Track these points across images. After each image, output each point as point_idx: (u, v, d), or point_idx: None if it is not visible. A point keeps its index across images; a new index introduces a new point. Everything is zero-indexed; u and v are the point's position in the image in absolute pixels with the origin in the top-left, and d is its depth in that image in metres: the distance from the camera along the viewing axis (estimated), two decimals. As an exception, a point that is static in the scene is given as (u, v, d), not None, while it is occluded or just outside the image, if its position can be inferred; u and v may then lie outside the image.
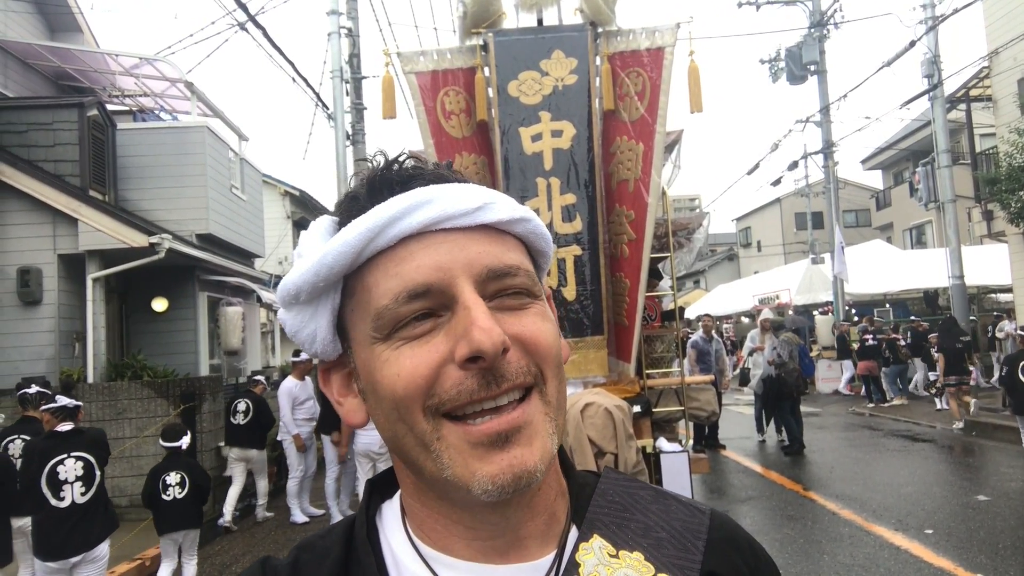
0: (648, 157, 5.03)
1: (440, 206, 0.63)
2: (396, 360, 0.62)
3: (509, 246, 0.66)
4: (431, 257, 0.62)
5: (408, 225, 0.62)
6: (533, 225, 0.69)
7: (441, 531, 0.66)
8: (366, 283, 0.64)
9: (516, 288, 0.64)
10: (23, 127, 9.99)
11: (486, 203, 0.65)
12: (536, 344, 0.63)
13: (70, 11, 13.19)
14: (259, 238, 14.30)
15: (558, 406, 0.65)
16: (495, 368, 0.60)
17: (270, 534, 7.90)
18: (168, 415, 8.67)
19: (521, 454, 0.60)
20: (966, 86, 15.95)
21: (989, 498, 7.37)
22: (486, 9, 5.25)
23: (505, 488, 0.60)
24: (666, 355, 5.76)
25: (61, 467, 4.36)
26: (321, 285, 0.65)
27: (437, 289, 0.61)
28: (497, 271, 0.63)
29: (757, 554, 0.74)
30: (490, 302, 0.62)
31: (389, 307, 0.62)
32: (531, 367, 0.62)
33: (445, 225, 0.63)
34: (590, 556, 0.66)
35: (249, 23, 10.26)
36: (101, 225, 9.37)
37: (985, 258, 17.44)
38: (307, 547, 0.72)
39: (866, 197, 34.74)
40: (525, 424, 0.61)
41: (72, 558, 4.34)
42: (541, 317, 0.65)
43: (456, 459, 0.61)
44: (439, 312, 0.62)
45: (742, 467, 9.77)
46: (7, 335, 9.20)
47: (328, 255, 0.63)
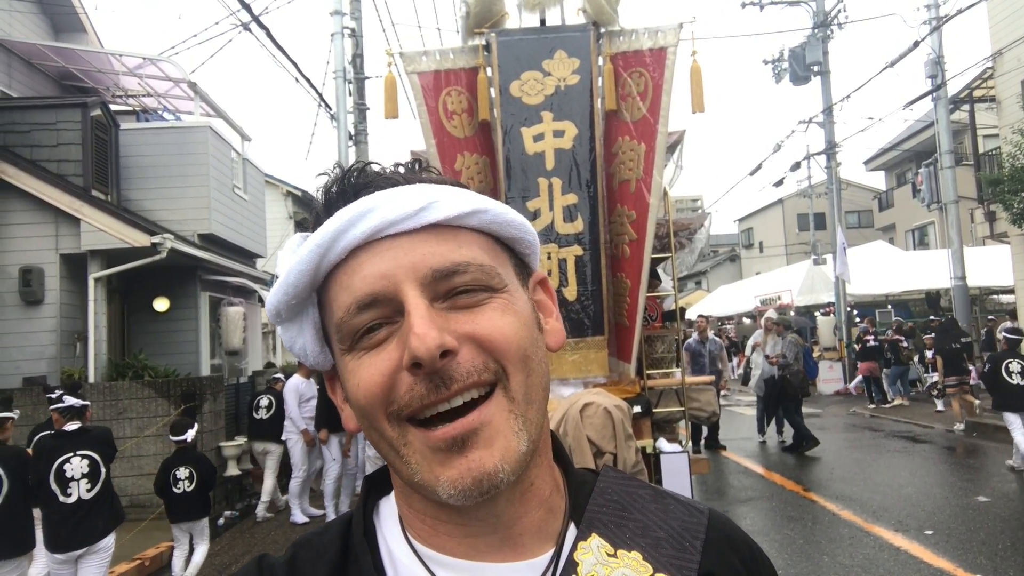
0: (650, 157, 5.03)
1: (381, 214, 0.63)
2: (356, 370, 0.63)
3: (462, 242, 0.65)
4: (376, 266, 0.62)
5: (353, 237, 0.63)
6: (492, 215, 0.67)
7: (431, 531, 0.66)
8: (328, 297, 0.66)
9: (468, 285, 0.63)
10: (27, 127, 10.02)
11: (430, 202, 0.64)
12: (491, 341, 0.62)
13: (74, 11, 13.22)
14: (261, 238, 14.31)
15: (527, 400, 0.63)
16: (440, 371, 0.59)
17: (270, 534, 7.91)
18: (169, 415, 8.69)
19: (479, 457, 0.60)
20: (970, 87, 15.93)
21: (989, 499, 7.36)
22: (489, 9, 5.26)
23: (467, 491, 0.60)
24: (667, 356, 5.76)
25: (67, 465, 4.57)
26: (294, 303, 0.67)
27: (384, 297, 0.62)
28: (443, 271, 0.62)
29: (755, 554, 0.74)
30: (443, 302, 0.62)
31: (344, 320, 0.63)
32: (488, 364, 0.61)
33: (389, 231, 0.63)
34: (588, 555, 0.66)
35: (252, 23, 10.29)
36: (103, 225, 9.38)
37: (987, 259, 17.42)
38: (304, 544, 0.72)
39: (868, 198, 34.70)
40: (482, 425, 0.60)
41: (77, 551, 4.55)
42: (501, 311, 0.63)
43: (422, 464, 0.61)
44: (394, 319, 0.62)
45: (742, 468, 9.77)
46: (9, 334, 9.22)
47: (290, 274, 0.65)
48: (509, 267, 0.69)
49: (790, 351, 10.74)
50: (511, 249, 0.71)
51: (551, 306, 0.75)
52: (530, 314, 0.68)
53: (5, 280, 9.31)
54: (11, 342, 9.21)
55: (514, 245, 0.71)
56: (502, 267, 0.67)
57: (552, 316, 0.74)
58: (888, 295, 19.94)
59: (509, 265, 0.69)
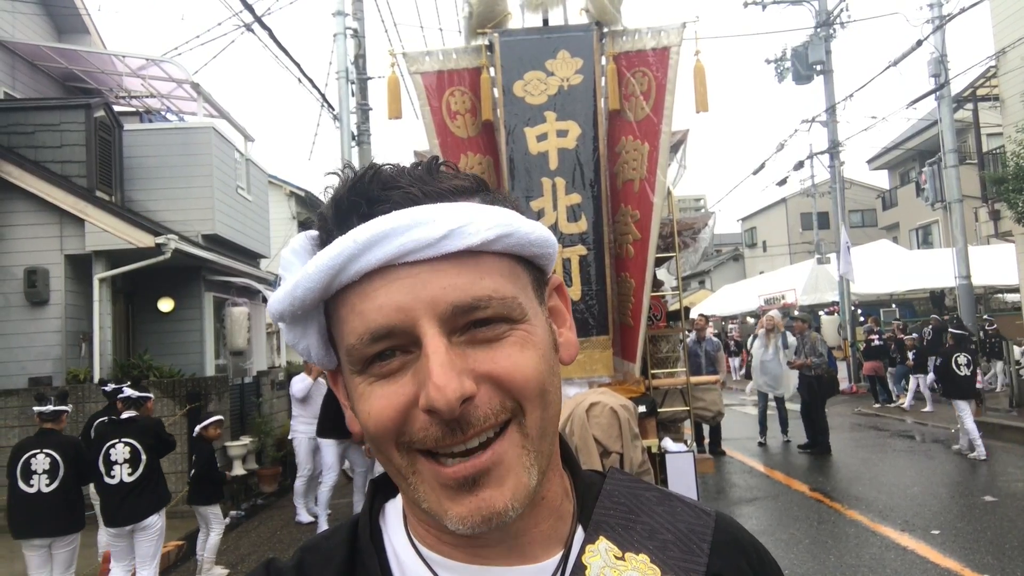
0: (653, 157, 5.02)
1: (398, 242, 0.59)
2: (368, 398, 0.61)
3: (483, 271, 0.61)
4: (392, 297, 0.59)
5: (367, 262, 0.59)
6: (517, 237, 0.63)
7: (436, 540, 0.66)
8: (339, 315, 0.63)
9: (489, 318, 0.60)
10: (30, 128, 10.05)
11: (452, 230, 0.59)
12: (511, 380, 0.60)
13: (77, 12, 13.26)
14: (265, 238, 14.33)
15: (541, 434, 0.62)
16: (458, 419, 0.58)
17: (275, 533, 7.92)
18: (174, 415, 8.70)
19: (490, 496, 0.59)
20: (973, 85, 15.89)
21: (996, 499, 7.34)
22: (492, 9, 5.25)
23: (476, 527, 0.59)
24: (671, 355, 5.75)
25: (113, 450, 5.17)
26: (299, 313, 0.64)
27: (400, 331, 0.59)
28: (464, 307, 0.59)
29: (762, 557, 0.74)
30: (461, 335, 0.60)
31: (356, 346, 0.61)
32: (506, 403, 0.60)
33: (408, 259, 0.59)
34: (596, 558, 0.65)
35: (255, 24, 10.29)
36: (108, 226, 9.40)
37: (992, 258, 17.37)
38: (311, 549, 0.71)
39: (872, 197, 34.63)
40: (495, 465, 0.59)
41: (126, 527, 5.10)
42: (520, 346, 0.61)
43: (430, 495, 0.60)
44: (409, 348, 0.60)
45: (747, 467, 9.76)
46: (14, 335, 9.25)
47: (298, 287, 0.62)
48: (529, 288, 0.66)
49: (822, 348, 10.52)
50: (530, 262, 0.68)
51: (566, 314, 0.73)
52: (548, 342, 0.65)
53: (10, 281, 9.34)
54: (17, 342, 9.23)
55: (536, 261, 0.68)
56: (522, 292, 0.64)
57: (566, 325, 0.72)
58: (892, 294, 19.89)
59: (529, 286, 0.66)
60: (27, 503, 4.95)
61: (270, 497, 9.71)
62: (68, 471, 5.04)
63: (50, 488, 4.96)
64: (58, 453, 5.05)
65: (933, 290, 18.54)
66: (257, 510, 9.05)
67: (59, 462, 5.02)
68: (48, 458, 5.01)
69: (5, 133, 9.85)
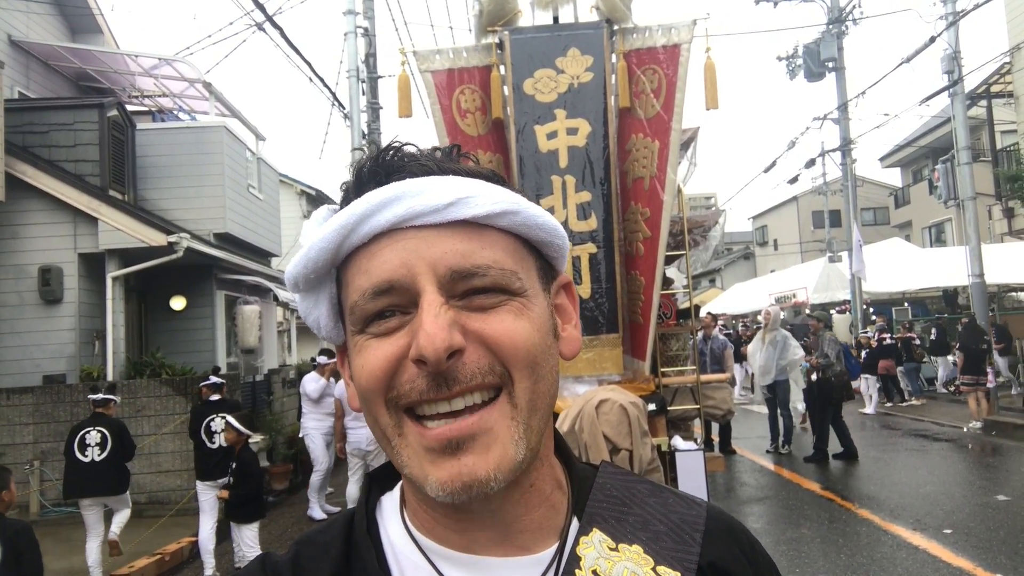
0: (664, 154, 5.02)
1: (408, 203, 0.62)
2: (363, 352, 0.63)
3: (486, 242, 0.64)
4: (397, 254, 0.62)
5: (377, 223, 0.62)
6: (524, 217, 0.66)
7: (433, 522, 0.67)
8: (346, 277, 0.66)
9: (487, 287, 0.62)
10: (44, 127, 10.13)
11: (460, 198, 0.63)
12: (499, 344, 0.61)
13: (91, 12, 13.35)
14: (276, 237, 14.40)
15: (531, 408, 0.63)
16: (444, 372, 0.59)
17: (287, 531, 7.96)
18: (186, 412, 8.76)
19: (472, 463, 0.59)
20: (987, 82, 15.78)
21: (1009, 498, 7.29)
22: (502, 7, 5.26)
23: (456, 495, 0.59)
24: (681, 353, 5.74)
25: (212, 423, 6.55)
26: (312, 277, 0.67)
27: (400, 287, 0.61)
28: (463, 272, 0.62)
29: (754, 545, 0.75)
30: (459, 300, 0.62)
31: (358, 303, 0.63)
32: (495, 367, 0.61)
33: (415, 222, 0.62)
34: (590, 550, 0.66)
35: (267, 23, 10.33)
36: (121, 224, 9.47)
37: (1006, 256, 17.19)
38: (307, 542, 0.72)
39: (884, 195, 34.40)
40: (481, 432, 0.60)
41: (220, 479, 6.31)
42: (515, 314, 0.63)
43: (412, 458, 0.61)
44: (408, 309, 0.62)
45: (758, 466, 9.72)
46: (29, 333, 9.34)
47: (312, 249, 0.65)
48: (532, 271, 0.67)
49: (831, 350, 10.05)
50: (538, 251, 0.70)
51: (571, 312, 0.74)
52: (546, 321, 0.67)
53: (25, 279, 9.43)
54: (31, 340, 9.32)
55: (542, 248, 0.70)
56: (525, 271, 0.66)
57: (571, 323, 0.73)
58: (905, 292, 19.75)
59: (533, 269, 0.68)
60: (82, 470, 6.06)
61: (281, 494, 9.76)
62: (115, 444, 6.16)
63: (101, 457, 6.08)
64: (108, 430, 6.19)
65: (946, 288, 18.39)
66: (268, 507, 9.09)
67: (108, 437, 6.16)
68: (99, 434, 6.16)
69: (19, 132, 9.94)
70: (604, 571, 0.64)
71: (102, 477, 6.09)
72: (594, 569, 0.64)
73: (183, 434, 8.69)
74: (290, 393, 11.73)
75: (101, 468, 6.07)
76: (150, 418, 8.81)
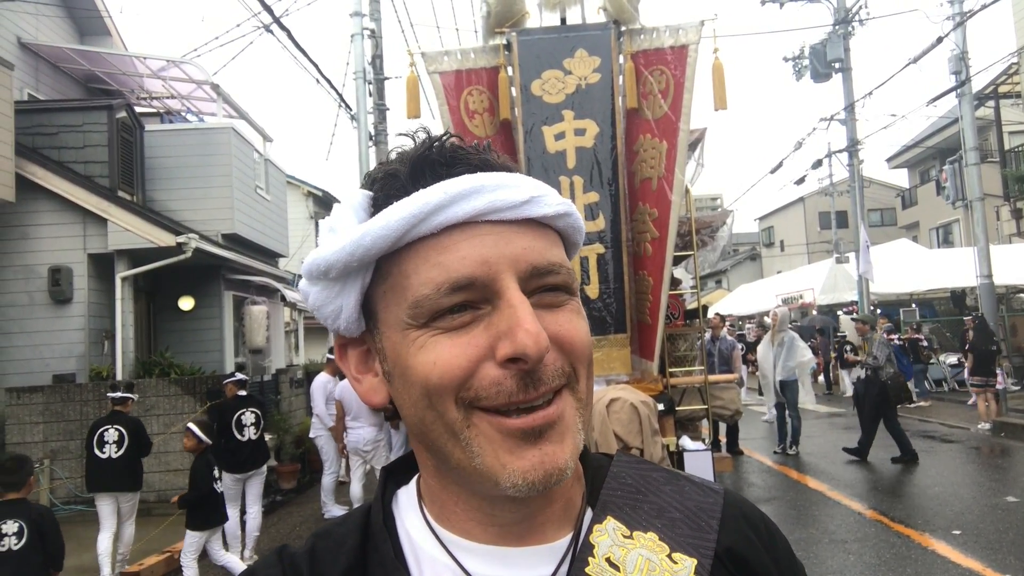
0: (672, 155, 5.03)
1: (488, 197, 0.61)
2: (433, 348, 0.60)
3: (552, 241, 0.65)
4: (476, 249, 0.60)
5: (454, 214, 0.60)
6: (573, 219, 0.68)
7: (460, 515, 0.66)
8: (404, 269, 0.62)
9: (557, 285, 0.63)
10: (54, 129, 10.20)
11: (533, 196, 0.63)
12: (572, 344, 0.62)
13: (99, 15, 13.42)
14: (283, 238, 14.45)
15: (587, 402, 0.65)
16: (535, 371, 0.59)
17: (295, 529, 7.99)
18: (195, 412, 8.80)
19: (553, 451, 0.60)
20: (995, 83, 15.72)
21: (1018, 499, 7.26)
22: (509, 8, 5.28)
23: (535, 485, 0.59)
24: (689, 354, 5.75)
25: (243, 417, 6.90)
26: (355, 265, 0.64)
27: (481, 283, 0.60)
28: (541, 269, 0.62)
29: (771, 531, 0.74)
30: (531, 298, 0.61)
31: (430, 296, 0.60)
32: (566, 367, 0.62)
33: (491, 217, 0.61)
34: (604, 537, 0.66)
35: (274, 25, 10.38)
36: (130, 225, 9.53)
37: (1014, 257, 17.14)
38: (324, 535, 0.71)
39: (892, 196, 34.30)
40: (559, 419, 0.61)
41: (248, 472, 6.81)
42: (577, 314, 0.64)
43: (487, 449, 0.60)
44: (479, 305, 0.61)
45: (765, 467, 9.71)
46: (39, 333, 9.40)
47: (367, 236, 0.61)
48: (574, 274, 0.70)
49: (881, 352, 9.61)
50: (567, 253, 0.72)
51: None
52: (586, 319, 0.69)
53: (35, 279, 9.49)
54: (41, 340, 9.38)
55: (571, 250, 0.71)
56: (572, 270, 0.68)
57: None
58: (912, 294, 19.69)
59: (574, 272, 0.70)
60: (100, 466, 6.16)
61: (289, 494, 9.79)
62: (131, 442, 6.27)
63: (118, 455, 6.18)
64: (124, 428, 6.30)
65: (954, 289, 18.34)
66: (276, 507, 9.12)
67: (124, 435, 6.28)
68: (117, 432, 6.26)
69: (29, 134, 10.00)
70: (618, 558, 0.65)
71: (118, 474, 6.22)
72: (607, 557, 0.65)
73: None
74: (297, 393, 11.77)
75: (118, 465, 6.19)
76: (159, 417, 8.85)
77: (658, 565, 0.64)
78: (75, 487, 8.61)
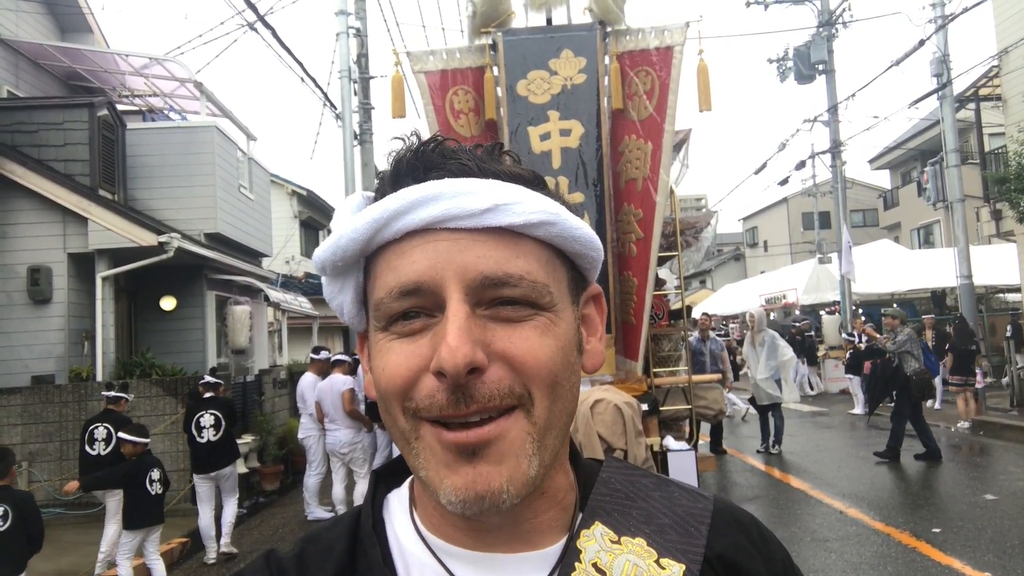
0: (657, 156, 5.04)
1: (445, 205, 0.60)
2: (387, 353, 0.62)
3: (520, 251, 0.62)
4: (428, 256, 0.60)
5: (411, 221, 0.61)
6: (561, 228, 0.64)
7: (442, 521, 0.66)
8: (374, 271, 0.65)
9: (516, 298, 0.61)
10: (34, 127, 10.07)
11: (498, 204, 0.61)
12: (523, 363, 0.60)
13: (80, 11, 13.27)
14: (267, 237, 14.36)
15: (547, 426, 0.61)
16: (463, 387, 0.58)
17: (277, 531, 7.94)
18: (176, 413, 8.73)
19: (487, 472, 0.58)
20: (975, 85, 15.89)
21: (996, 497, 7.35)
22: (495, 9, 5.27)
23: (468, 505, 0.58)
24: (673, 354, 5.77)
25: (202, 419, 6.90)
26: (340, 265, 0.66)
27: (427, 289, 0.60)
28: (493, 279, 0.60)
29: (764, 535, 0.74)
30: (485, 309, 0.60)
31: (384, 300, 0.62)
32: (515, 388, 0.59)
33: (449, 225, 0.61)
34: (591, 543, 0.65)
35: (258, 23, 10.31)
36: (111, 224, 9.43)
37: (993, 258, 17.35)
38: (312, 539, 0.71)
39: (874, 197, 34.62)
40: (496, 439, 0.59)
41: (212, 472, 6.85)
42: (540, 332, 0.61)
43: (430, 460, 0.60)
44: (433, 312, 0.61)
45: (748, 466, 9.77)
46: (17, 333, 9.27)
47: (342, 238, 0.64)
48: (563, 284, 0.66)
49: (913, 347, 9.45)
50: (571, 262, 0.68)
51: (598, 325, 0.73)
52: (571, 337, 0.65)
53: (13, 279, 9.36)
54: (20, 341, 9.26)
55: (575, 259, 0.68)
56: (555, 284, 0.64)
57: (596, 336, 0.72)
58: (894, 294, 19.89)
59: (564, 281, 0.66)
60: (90, 463, 6.38)
61: (272, 495, 9.73)
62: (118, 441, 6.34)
63: (106, 452, 6.41)
64: (114, 427, 6.46)
65: (934, 290, 18.54)
66: (259, 508, 9.07)
67: (113, 434, 6.41)
68: (106, 430, 6.51)
69: (9, 132, 9.87)
70: (605, 564, 0.64)
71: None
72: (594, 562, 0.64)
73: (173, 435, 8.66)
74: (281, 394, 11.70)
75: (106, 463, 6.28)
76: (140, 419, 8.72)
77: (645, 571, 0.64)
78: (53, 489, 8.51)
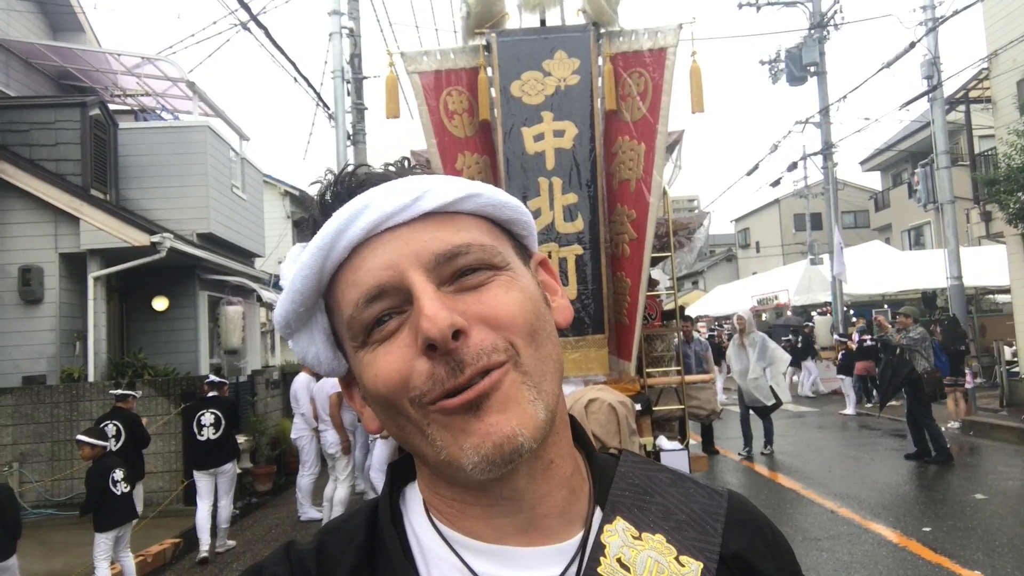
0: (650, 157, 5.06)
1: (377, 208, 0.64)
2: (372, 362, 0.63)
3: (461, 226, 0.66)
4: (379, 258, 0.63)
5: (353, 234, 0.64)
6: (486, 198, 0.68)
7: (458, 515, 0.67)
8: (336, 298, 0.66)
9: (472, 265, 0.64)
10: (25, 126, 10.02)
11: (423, 191, 0.65)
12: (498, 318, 0.62)
13: (72, 10, 13.22)
14: (259, 238, 14.32)
15: (540, 372, 0.63)
16: (454, 353, 0.60)
17: (270, 531, 7.93)
18: (169, 413, 8.71)
19: (496, 421, 0.60)
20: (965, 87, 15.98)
21: (986, 496, 7.41)
22: (489, 9, 5.28)
23: (490, 457, 0.59)
24: (666, 354, 5.79)
25: (203, 417, 7.04)
26: (302, 311, 0.67)
27: (391, 287, 0.62)
28: (445, 254, 0.63)
29: (775, 535, 0.76)
30: (449, 285, 0.63)
31: (353, 315, 0.64)
32: (498, 344, 0.61)
33: (387, 224, 0.64)
34: (615, 538, 0.66)
35: (251, 22, 10.30)
36: (103, 224, 9.39)
37: (983, 259, 17.46)
38: (331, 531, 0.71)
39: (865, 198, 34.81)
40: (492, 389, 0.60)
41: (212, 469, 6.98)
42: (505, 288, 0.64)
43: (447, 438, 0.61)
44: (403, 308, 0.63)
45: (741, 466, 9.81)
46: (9, 333, 9.23)
47: (295, 281, 0.66)
48: (509, 247, 0.70)
49: (924, 347, 9.42)
50: (509, 232, 0.72)
51: (555, 285, 0.75)
52: (536, 290, 0.68)
53: (5, 279, 9.32)
54: (11, 341, 9.22)
55: (511, 227, 0.72)
56: (503, 247, 0.68)
57: (557, 294, 0.74)
58: (885, 295, 19.99)
59: (509, 245, 0.70)
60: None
61: (265, 496, 9.72)
62: (128, 436, 6.80)
63: (116, 447, 6.56)
64: (123, 424, 6.79)
65: (925, 291, 18.64)
66: (252, 508, 9.05)
67: (122, 430, 6.76)
68: (115, 427, 6.72)
69: (0, 131, 9.82)
70: (628, 559, 0.65)
71: None
72: (618, 557, 0.65)
73: (165, 435, 8.64)
74: (274, 394, 11.68)
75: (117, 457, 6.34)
76: (132, 419, 8.72)
77: (667, 567, 0.65)
78: (44, 490, 8.47)
